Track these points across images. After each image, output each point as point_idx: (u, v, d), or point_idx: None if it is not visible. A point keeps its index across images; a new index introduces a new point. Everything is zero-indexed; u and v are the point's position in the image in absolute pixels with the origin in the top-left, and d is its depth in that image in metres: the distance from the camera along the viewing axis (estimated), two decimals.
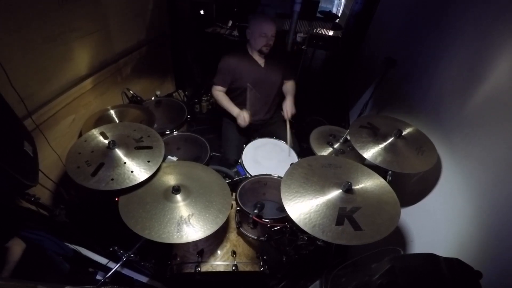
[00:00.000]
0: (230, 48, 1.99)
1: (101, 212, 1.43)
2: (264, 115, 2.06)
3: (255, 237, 1.35)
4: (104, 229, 1.46)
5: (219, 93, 1.96)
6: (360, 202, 1.07)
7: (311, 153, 1.66)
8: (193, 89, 3.08)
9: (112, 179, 1.13)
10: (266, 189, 1.55)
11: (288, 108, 1.90)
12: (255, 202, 1.25)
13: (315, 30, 3.50)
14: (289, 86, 2.05)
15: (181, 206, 1.14)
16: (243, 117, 1.86)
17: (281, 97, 2.04)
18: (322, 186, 1.12)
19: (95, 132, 1.32)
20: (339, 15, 5.46)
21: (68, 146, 1.60)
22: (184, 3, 2.74)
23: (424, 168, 1.26)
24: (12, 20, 1.19)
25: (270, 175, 1.50)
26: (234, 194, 1.37)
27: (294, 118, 1.94)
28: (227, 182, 1.33)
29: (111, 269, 1.15)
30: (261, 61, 1.92)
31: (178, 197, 1.16)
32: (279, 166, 1.63)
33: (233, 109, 1.93)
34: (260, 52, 1.86)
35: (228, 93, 2.00)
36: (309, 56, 3.73)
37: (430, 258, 0.82)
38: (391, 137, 1.35)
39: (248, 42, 1.90)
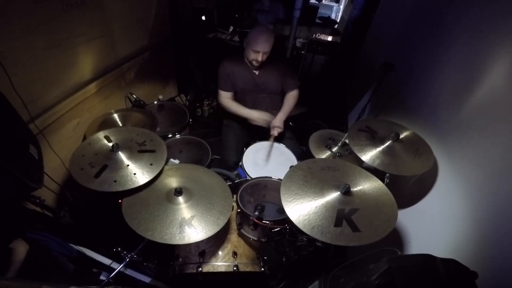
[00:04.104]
0: (231, 53, 2.02)
1: (105, 213, 1.45)
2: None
3: (255, 238, 1.37)
4: (107, 230, 1.48)
5: (228, 101, 1.95)
6: (358, 204, 1.09)
7: (310, 156, 1.68)
8: (195, 93, 3.11)
9: (115, 181, 1.15)
10: (266, 191, 1.57)
11: (277, 124, 1.85)
12: (256, 204, 1.27)
13: (314, 35, 3.54)
14: (287, 100, 1.99)
15: (183, 208, 1.15)
16: (264, 119, 1.87)
17: (280, 103, 2.05)
18: (321, 188, 1.13)
19: (99, 135, 1.34)
20: (338, 21, 5.52)
21: (73, 149, 1.61)
22: (186, 9, 2.78)
23: (421, 170, 1.27)
24: (16, 25, 1.21)
25: (270, 177, 1.52)
26: (235, 196, 1.39)
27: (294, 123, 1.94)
28: (228, 185, 1.35)
29: (114, 269, 1.16)
30: (255, 69, 1.92)
31: (180, 199, 1.18)
32: (279, 169, 1.65)
33: (251, 113, 1.91)
34: (250, 64, 1.86)
35: None
36: (309, 61, 3.77)
37: (427, 259, 0.83)
38: (388, 140, 1.37)
39: (244, 49, 1.91)
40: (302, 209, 1.06)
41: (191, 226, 1.09)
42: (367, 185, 1.18)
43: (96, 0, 1.66)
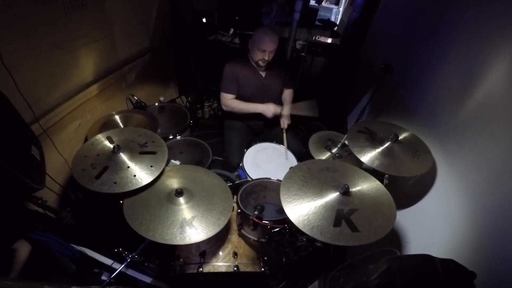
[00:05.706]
0: (231, 55, 2.03)
1: (107, 214, 1.46)
2: (265, 120, 2.10)
3: (255, 239, 1.38)
4: (109, 230, 1.48)
5: (232, 101, 1.95)
6: (357, 204, 1.10)
7: (310, 157, 1.69)
8: (195, 95, 3.13)
9: (115, 183, 1.15)
10: (266, 192, 1.58)
11: (285, 118, 1.98)
12: (256, 204, 1.28)
13: (314, 37, 3.55)
14: (287, 95, 2.08)
15: (184, 209, 1.16)
16: (270, 110, 1.90)
17: (280, 103, 2.08)
18: (320, 189, 1.14)
19: (102, 136, 1.35)
20: (338, 23, 5.54)
21: (74, 150, 1.63)
22: (187, 11, 2.80)
23: (420, 171, 1.28)
24: (19, 27, 1.22)
25: (270, 178, 1.53)
26: (235, 196, 1.40)
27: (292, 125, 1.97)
28: (229, 185, 1.36)
29: (116, 269, 1.17)
30: (262, 70, 1.95)
31: (181, 199, 1.18)
32: (279, 170, 1.66)
33: (257, 106, 1.94)
34: (257, 64, 1.89)
35: None
36: (308, 63, 3.79)
37: (425, 259, 0.83)
38: (387, 141, 1.38)
39: (249, 51, 1.93)
40: (302, 210, 1.07)
41: (192, 227, 1.10)
42: (366, 186, 1.19)
43: (98, 2, 1.67)
